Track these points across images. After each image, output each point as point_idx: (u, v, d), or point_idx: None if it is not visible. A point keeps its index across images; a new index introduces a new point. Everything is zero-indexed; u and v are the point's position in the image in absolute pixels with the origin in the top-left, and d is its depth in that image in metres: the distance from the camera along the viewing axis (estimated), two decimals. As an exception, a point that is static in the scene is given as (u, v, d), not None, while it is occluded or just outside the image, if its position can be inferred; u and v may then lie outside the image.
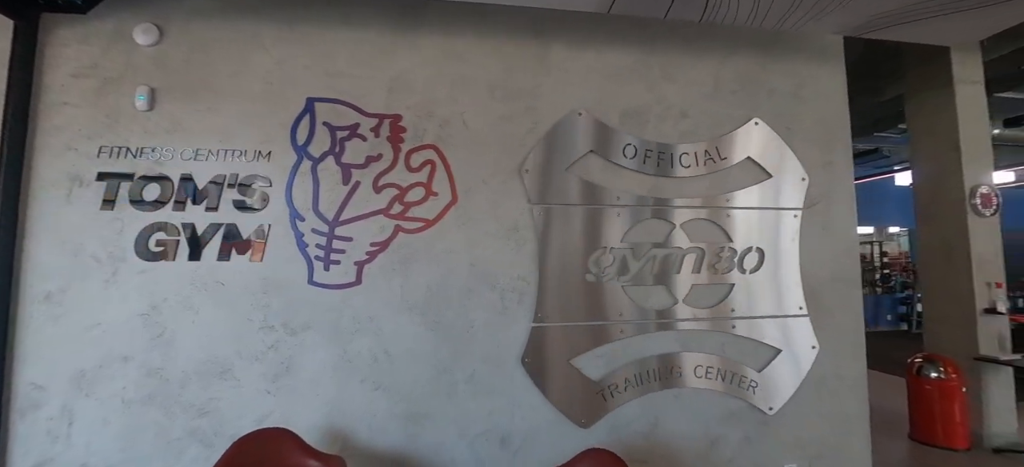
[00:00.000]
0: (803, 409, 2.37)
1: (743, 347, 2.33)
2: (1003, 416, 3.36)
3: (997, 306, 3.34)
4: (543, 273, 2.17)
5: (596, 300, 2.21)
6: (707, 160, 2.36)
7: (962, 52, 3.51)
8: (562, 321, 2.17)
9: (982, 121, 3.53)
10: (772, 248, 2.39)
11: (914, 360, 3.50)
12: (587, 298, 2.20)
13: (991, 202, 3.43)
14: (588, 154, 2.27)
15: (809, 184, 2.47)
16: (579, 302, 2.20)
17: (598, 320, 2.20)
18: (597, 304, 2.21)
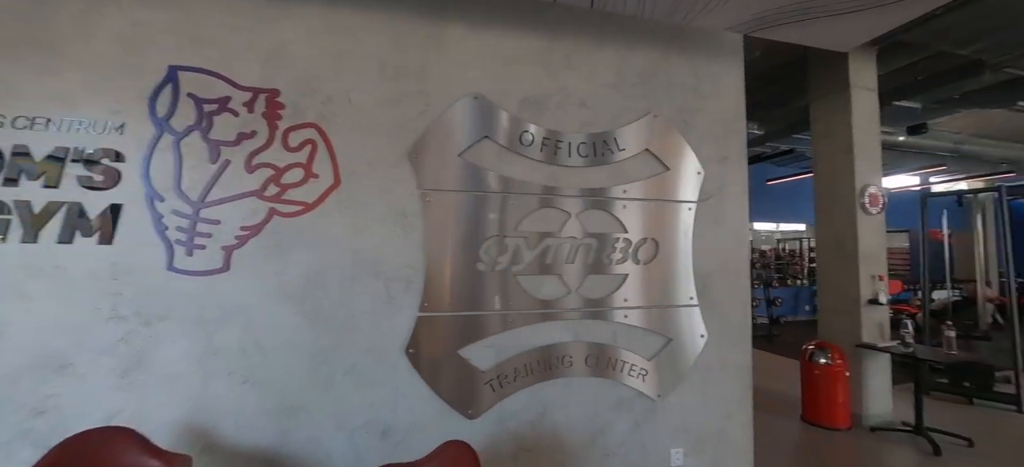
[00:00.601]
0: (690, 396, 2.46)
1: (634, 336, 2.38)
2: (880, 397, 3.68)
3: (879, 297, 3.63)
4: (432, 261, 2.10)
5: (487, 290, 2.17)
6: (605, 151, 2.37)
7: (858, 59, 3.75)
8: (450, 311, 2.12)
9: (874, 125, 3.80)
10: (666, 239, 2.44)
11: (807, 347, 3.75)
12: (477, 287, 2.16)
13: (878, 201, 3.71)
14: (483, 140, 2.21)
15: (704, 178, 2.55)
16: (469, 291, 2.15)
17: (488, 310, 2.17)
18: (487, 294, 2.17)
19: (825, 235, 3.94)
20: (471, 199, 2.17)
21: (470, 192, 2.17)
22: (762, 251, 11.66)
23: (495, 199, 2.20)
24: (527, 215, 2.24)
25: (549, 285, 2.26)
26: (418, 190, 2.12)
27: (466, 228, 2.16)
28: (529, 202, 2.25)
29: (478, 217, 2.18)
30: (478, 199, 2.18)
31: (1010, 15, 3.24)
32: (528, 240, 2.23)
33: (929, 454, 3.15)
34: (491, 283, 2.18)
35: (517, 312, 2.20)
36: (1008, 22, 3.33)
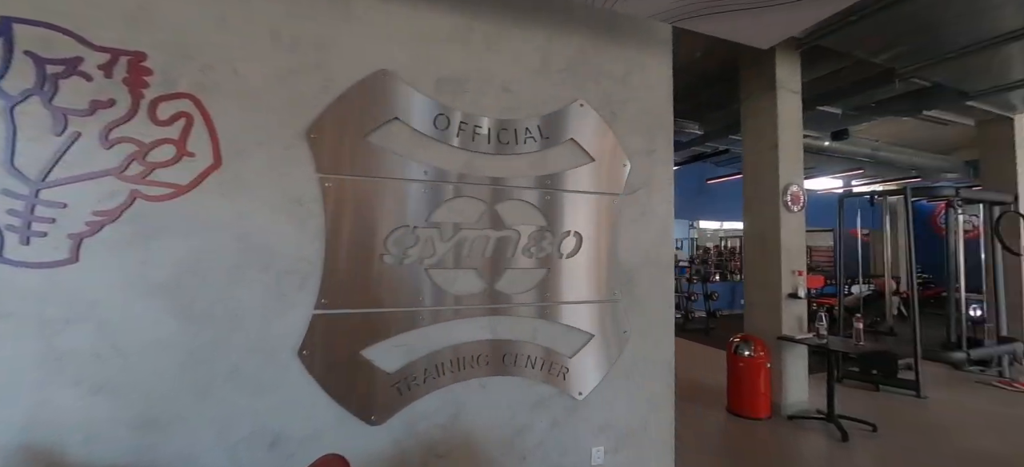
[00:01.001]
0: (612, 392, 2.41)
1: (556, 333, 2.29)
2: (797, 387, 3.85)
3: (798, 292, 3.79)
4: (331, 253, 1.91)
5: (394, 284, 2.00)
6: (528, 139, 2.26)
7: (784, 62, 3.89)
8: (352, 307, 1.93)
9: (797, 126, 3.96)
10: (591, 233, 2.37)
11: (733, 340, 3.86)
12: (384, 282, 1.98)
13: (799, 200, 3.87)
14: (393, 122, 2.03)
15: (631, 171, 2.50)
16: (374, 287, 1.97)
17: (396, 307, 2.00)
18: (396, 289, 2.00)
19: (751, 232, 4.07)
20: (378, 185, 1.99)
21: (377, 178, 1.99)
22: (705, 248, 12.19)
23: (405, 187, 2.03)
24: (441, 204, 2.09)
25: (465, 279, 2.13)
26: (317, 174, 1.90)
27: (372, 217, 1.98)
28: (444, 190, 2.09)
29: (386, 205, 2.00)
30: (386, 186, 2.00)
31: (915, 26, 3.45)
32: (442, 231, 2.08)
33: (838, 440, 3.31)
34: (400, 277, 2.01)
35: (429, 308, 2.05)
36: (913, 33, 3.55)
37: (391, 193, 2.01)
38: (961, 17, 3.38)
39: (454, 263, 2.10)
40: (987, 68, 4.35)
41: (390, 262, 2.00)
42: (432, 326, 2.06)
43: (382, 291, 1.98)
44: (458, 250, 2.11)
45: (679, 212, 9.93)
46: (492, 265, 2.17)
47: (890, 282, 6.97)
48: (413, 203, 2.04)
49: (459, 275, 2.12)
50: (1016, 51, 3.91)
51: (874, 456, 3.14)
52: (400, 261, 2.01)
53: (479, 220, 2.15)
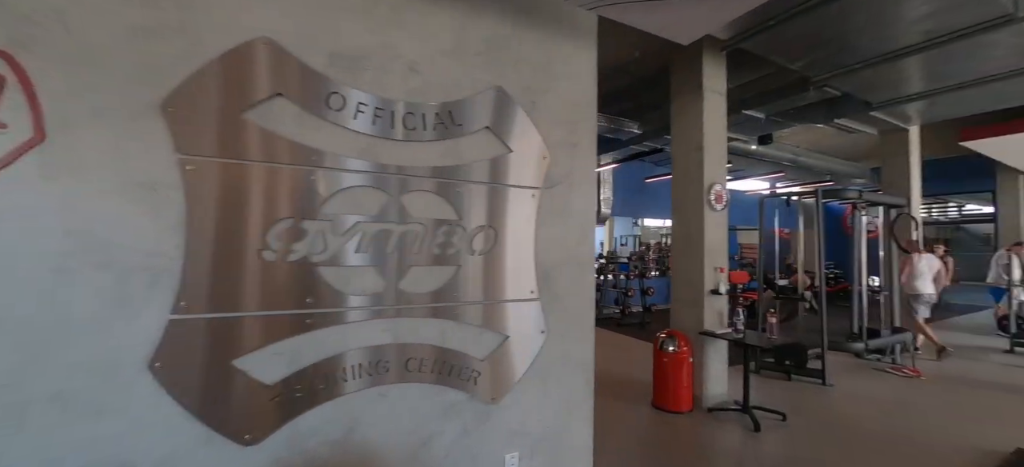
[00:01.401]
0: (528, 396, 2.31)
1: (467, 335, 2.14)
2: (718, 380, 3.99)
3: (719, 288, 3.91)
4: (195, 248, 1.63)
5: (276, 284, 1.75)
6: (438, 125, 2.08)
7: (710, 64, 3.98)
8: (222, 311, 1.67)
9: (721, 127, 4.07)
10: (506, 228, 2.24)
11: (658, 336, 3.92)
12: (263, 282, 1.73)
13: (722, 198, 3.99)
14: (275, 98, 1.77)
15: (551, 164, 2.39)
16: (250, 287, 1.71)
17: (277, 309, 1.76)
18: (277, 289, 1.76)
19: (678, 230, 4.15)
20: (257, 171, 1.73)
21: (255, 162, 1.73)
22: (647, 244, 12.61)
23: (290, 173, 1.78)
24: (335, 194, 1.86)
25: (363, 278, 1.92)
26: (177, 155, 1.61)
27: (249, 207, 1.72)
28: (338, 179, 1.87)
29: (267, 194, 1.75)
30: (267, 172, 1.75)
31: (824, 36, 3.64)
32: (336, 224, 1.86)
33: (751, 430, 3.45)
34: (283, 276, 1.76)
35: (319, 311, 1.82)
36: (823, 42, 3.74)
37: (273, 180, 1.76)
38: (863, 30, 3.60)
39: (350, 260, 1.89)
40: (887, 81, 4.72)
41: (271, 259, 1.75)
42: (322, 330, 1.83)
43: (260, 292, 1.73)
44: (356, 246, 1.89)
45: (624, 210, 10.12)
46: (396, 262, 1.97)
47: (803, 278, 7.51)
48: (301, 192, 1.80)
49: (356, 273, 1.90)
50: (910, 66, 4.25)
51: (780, 444, 3.29)
52: (284, 258, 1.77)
53: (381, 213, 1.95)
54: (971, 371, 5.37)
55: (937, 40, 3.60)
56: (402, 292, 1.99)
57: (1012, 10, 3.19)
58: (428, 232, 2.04)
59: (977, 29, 3.38)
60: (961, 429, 3.63)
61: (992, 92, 4.91)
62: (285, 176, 1.78)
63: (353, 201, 1.90)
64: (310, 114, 1.83)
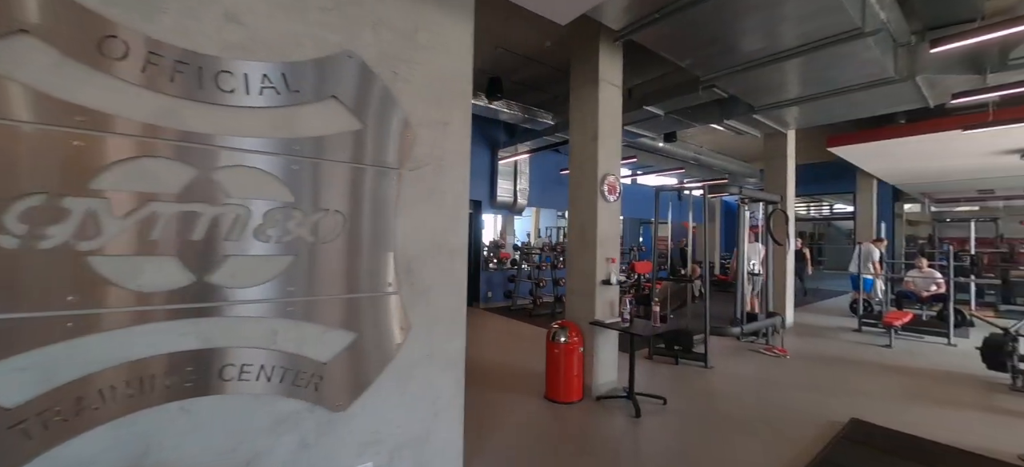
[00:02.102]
0: (386, 399, 2.09)
1: (307, 334, 1.86)
2: (608, 369, 4.06)
3: (610, 278, 3.97)
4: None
5: (18, 278, 1.35)
6: (267, 89, 1.76)
7: (606, 56, 3.99)
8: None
9: (616, 118, 4.12)
10: (357, 212, 1.99)
11: (551, 327, 3.90)
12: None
13: (615, 189, 4.04)
14: (20, 36, 1.35)
15: (416, 143, 2.17)
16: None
17: (19, 311, 1.35)
18: (20, 285, 1.35)
19: (574, 220, 4.15)
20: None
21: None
22: (565, 235, 12.90)
23: (41, 136, 1.38)
24: (111, 166, 1.48)
25: (158, 270, 1.56)
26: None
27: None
28: (117, 146, 1.49)
29: (1, 162, 1.33)
30: (3, 131, 1.33)
31: (708, 34, 3.80)
32: (114, 203, 1.48)
33: (632, 417, 3.54)
34: (29, 268, 1.36)
35: (87, 312, 1.44)
36: (707, 40, 3.91)
37: (11, 144, 1.34)
38: (745, 34, 3.81)
39: (138, 247, 1.52)
40: (767, 86, 5.10)
41: (11, 246, 1.34)
42: (92, 336, 1.45)
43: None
44: (145, 229, 1.53)
45: (542, 201, 10.11)
46: (204, 251, 1.64)
47: (695, 268, 8.08)
48: (59, 161, 1.40)
49: (149, 264, 1.54)
50: (782, 72, 4.61)
51: (656, 429, 3.41)
52: (32, 244, 1.36)
53: (186, 191, 1.60)
54: (827, 349, 6.09)
55: (799, 49, 3.92)
56: (214, 287, 1.66)
57: (861, 25, 3.53)
58: (252, 215, 1.72)
59: (830, 41, 3.71)
60: (813, 402, 4.04)
61: (849, 102, 5.54)
62: (32, 139, 1.37)
63: (142, 175, 1.53)
64: (75, 62, 1.43)
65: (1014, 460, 3.00)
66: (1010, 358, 4.46)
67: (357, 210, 1.98)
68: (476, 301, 8.99)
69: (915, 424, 3.55)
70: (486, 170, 9.19)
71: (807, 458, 3.00)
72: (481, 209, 9.14)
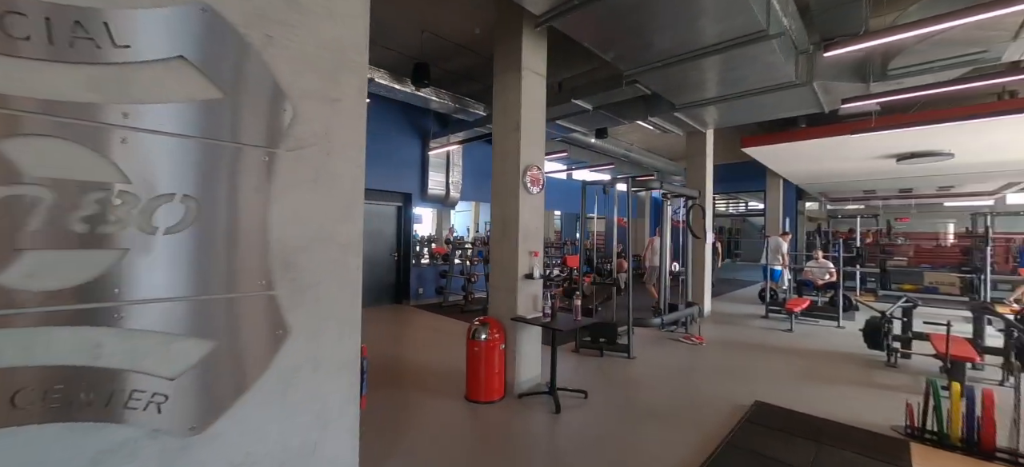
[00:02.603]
0: (258, 415, 1.80)
1: (142, 346, 1.53)
2: (531, 365, 3.98)
3: (533, 273, 3.88)
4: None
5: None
6: (80, 39, 1.40)
7: (530, 44, 3.88)
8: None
9: (541, 109, 4.03)
10: (217, 197, 1.67)
11: (471, 325, 3.73)
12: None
13: (538, 181, 3.96)
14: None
15: (296, 120, 1.89)
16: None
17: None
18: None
19: (497, 213, 4.02)
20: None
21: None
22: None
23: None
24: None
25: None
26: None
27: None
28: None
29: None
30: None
31: (625, 27, 3.81)
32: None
33: (552, 413, 3.48)
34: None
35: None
36: (626, 32, 3.93)
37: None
38: (661, 29, 3.86)
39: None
40: (685, 84, 5.29)
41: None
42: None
43: None
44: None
45: (476, 194, 9.88)
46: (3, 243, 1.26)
47: (621, 262, 8.35)
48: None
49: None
50: (703, 71, 4.79)
51: (575, 423, 3.38)
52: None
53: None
54: (739, 335, 6.51)
55: (712, 48, 4.06)
56: (20, 289, 1.29)
57: (766, 27, 3.71)
58: (62, 198, 1.37)
59: (739, 42, 3.88)
60: (724, 387, 4.25)
61: (758, 104, 5.91)
62: None
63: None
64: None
65: (887, 431, 3.31)
66: (886, 338, 4.99)
67: (215, 195, 1.67)
68: (406, 298, 8.62)
69: (809, 402, 3.83)
70: (416, 161, 8.82)
71: (715, 442, 3.10)
72: (411, 202, 8.76)
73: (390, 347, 5.50)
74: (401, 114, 8.51)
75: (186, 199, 1.60)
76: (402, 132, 8.59)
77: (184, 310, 1.61)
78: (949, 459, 2.93)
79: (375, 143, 8.13)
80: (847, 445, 3.07)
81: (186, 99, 1.60)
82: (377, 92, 6.41)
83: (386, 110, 8.18)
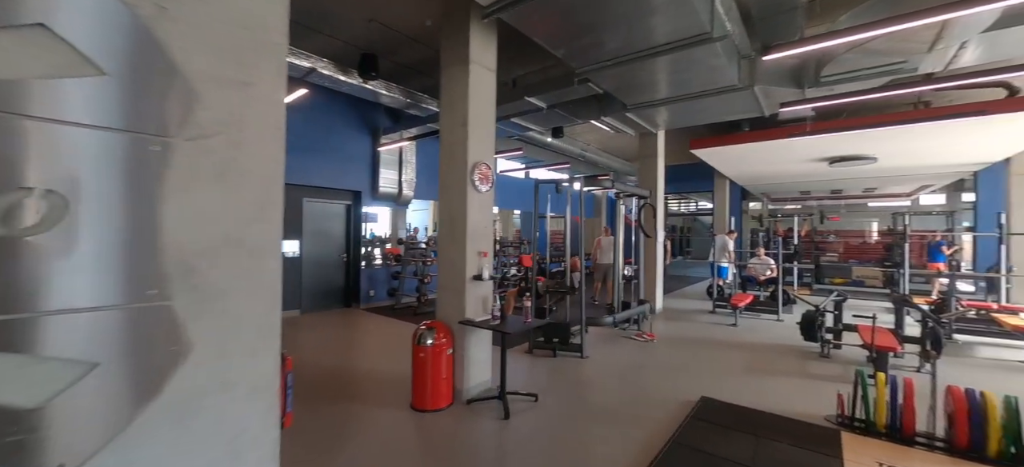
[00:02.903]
0: (153, 445, 1.55)
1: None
2: (481, 369, 3.86)
3: (482, 273, 3.76)
4: None
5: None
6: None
7: (478, 37, 3.75)
8: None
9: (490, 104, 3.91)
10: (93, 194, 1.42)
11: (417, 330, 3.56)
12: None
13: (487, 179, 3.83)
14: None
15: (200, 106, 1.65)
16: None
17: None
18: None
19: (444, 212, 3.86)
20: None
21: None
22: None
23: None
24: None
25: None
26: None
27: None
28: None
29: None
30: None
31: (576, 22, 3.77)
32: None
33: (501, 418, 3.37)
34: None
35: None
36: (576, 29, 3.89)
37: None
38: (608, 26, 3.84)
39: None
40: (634, 84, 5.34)
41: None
42: None
43: None
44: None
45: (431, 193, 9.60)
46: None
47: (574, 260, 8.41)
48: None
49: None
50: (651, 72, 4.84)
51: (523, 426, 3.29)
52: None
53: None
54: (687, 331, 6.70)
55: (659, 49, 4.10)
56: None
57: (710, 30, 3.77)
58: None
59: (684, 43, 3.93)
60: (672, 383, 4.31)
61: (704, 107, 6.09)
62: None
63: None
64: None
65: (821, 421, 3.46)
66: (820, 330, 5.28)
67: (89, 190, 1.41)
68: (356, 301, 8.24)
69: (750, 395, 3.95)
70: (366, 157, 8.45)
71: (662, 441, 3.11)
72: (361, 200, 8.38)
73: (334, 355, 5.20)
74: (349, 108, 8.12)
75: (49, 195, 1.34)
76: (350, 126, 8.19)
77: (46, 326, 1.35)
78: (875, 446, 3.09)
79: (320, 138, 7.70)
80: (784, 437, 3.17)
81: (48, 76, 1.34)
82: (321, 83, 6.05)
83: (332, 103, 7.77)
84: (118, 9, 1.47)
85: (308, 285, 7.55)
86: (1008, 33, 4.30)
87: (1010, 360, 5.22)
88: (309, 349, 5.42)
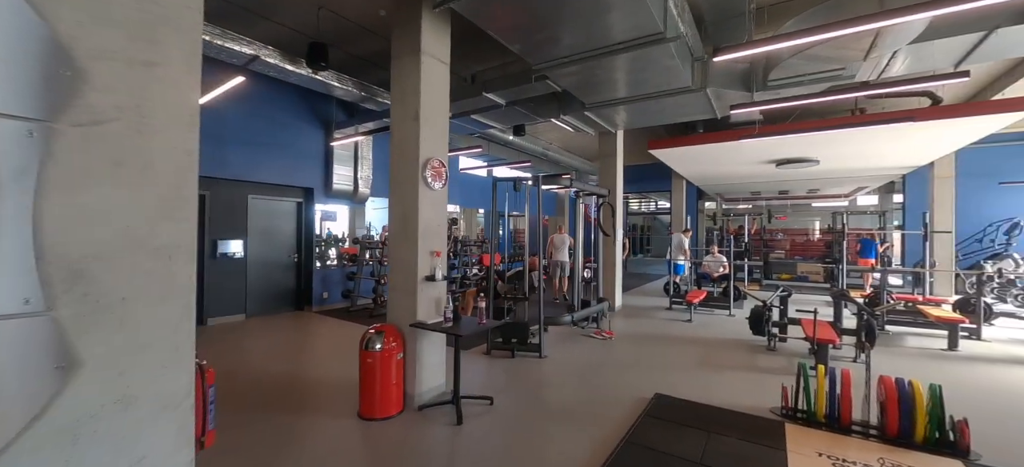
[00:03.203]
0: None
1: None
2: (434, 373, 3.72)
3: (435, 274, 3.62)
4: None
5: None
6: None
7: (430, 28, 3.60)
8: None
9: (443, 98, 3.77)
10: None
11: (365, 334, 3.38)
12: None
13: (440, 175, 3.70)
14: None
15: (92, 87, 1.44)
16: None
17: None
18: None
19: (396, 209, 3.69)
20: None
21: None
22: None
23: None
24: None
25: None
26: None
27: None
28: None
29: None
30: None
31: (530, 16, 3.69)
32: None
33: (453, 425, 3.26)
34: None
35: None
36: (530, 23, 3.82)
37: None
38: (568, 22, 3.80)
39: None
40: (591, 83, 5.35)
41: None
42: None
43: None
44: None
45: (387, 190, 9.27)
46: None
47: (533, 260, 8.41)
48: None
49: None
50: (607, 71, 4.85)
51: (476, 432, 3.19)
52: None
53: None
54: (644, 327, 6.82)
55: (613, 47, 4.10)
56: None
57: (663, 30, 3.81)
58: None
59: (638, 42, 3.95)
60: (628, 380, 4.34)
61: (660, 108, 6.20)
62: None
63: None
64: None
65: (767, 413, 3.57)
66: (767, 324, 5.50)
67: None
68: (308, 304, 7.85)
69: (702, 390, 4.03)
70: (318, 152, 8.07)
71: (616, 439, 3.10)
72: (313, 198, 7.99)
73: (279, 361, 4.89)
74: (300, 100, 7.71)
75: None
76: (300, 120, 7.78)
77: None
78: (816, 436, 3.21)
79: (267, 131, 7.27)
80: (732, 431, 3.24)
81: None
82: (266, 72, 5.69)
83: (279, 94, 7.35)
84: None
85: (254, 287, 7.11)
86: (932, 45, 4.62)
87: (933, 349, 5.64)
88: (253, 356, 5.08)
